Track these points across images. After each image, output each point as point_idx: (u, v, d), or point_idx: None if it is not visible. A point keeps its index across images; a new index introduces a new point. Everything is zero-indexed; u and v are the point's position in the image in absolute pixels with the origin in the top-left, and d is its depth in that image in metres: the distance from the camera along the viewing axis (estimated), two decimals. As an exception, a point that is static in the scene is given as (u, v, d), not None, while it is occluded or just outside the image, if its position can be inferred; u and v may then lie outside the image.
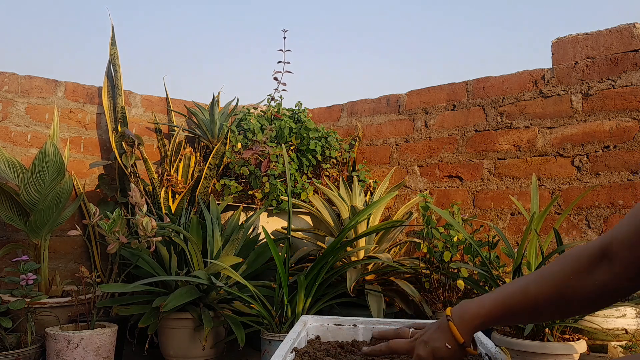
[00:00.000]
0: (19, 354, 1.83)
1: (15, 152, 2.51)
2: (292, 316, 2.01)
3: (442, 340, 0.84)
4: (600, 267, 0.74)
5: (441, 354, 0.84)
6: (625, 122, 2.05)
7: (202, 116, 2.94)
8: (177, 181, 2.73)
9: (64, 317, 2.09)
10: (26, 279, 1.91)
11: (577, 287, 0.76)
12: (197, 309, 2.09)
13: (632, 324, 1.73)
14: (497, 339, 1.71)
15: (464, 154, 2.52)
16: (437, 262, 2.20)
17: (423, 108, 2.70)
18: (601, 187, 2.09)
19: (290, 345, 0.98)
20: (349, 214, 2.42)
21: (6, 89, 2.51)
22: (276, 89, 2.96)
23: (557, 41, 2.28)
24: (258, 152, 2.58)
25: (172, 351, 2.12)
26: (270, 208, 2.54)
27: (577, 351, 1.62)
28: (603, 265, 0.74)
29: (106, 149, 2.80)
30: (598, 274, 0.74)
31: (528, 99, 2.32)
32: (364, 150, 2.94)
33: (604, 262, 0.74)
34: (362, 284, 2.28)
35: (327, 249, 2.05)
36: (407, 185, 2.73)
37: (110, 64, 2.77)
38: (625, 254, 0.71)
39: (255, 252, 2.28)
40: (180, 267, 2.26)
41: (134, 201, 2.06)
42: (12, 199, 2.14)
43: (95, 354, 1.86)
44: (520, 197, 2.30)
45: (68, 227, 2.53)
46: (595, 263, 0.75)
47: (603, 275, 0.74)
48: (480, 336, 1.01)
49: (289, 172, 2.19)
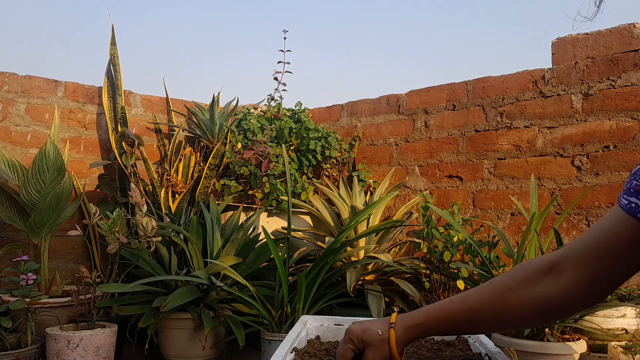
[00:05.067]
0: (19, 354, 1.83)
1: (15, 152, 2.51)
2: (292, 316, 2.01)
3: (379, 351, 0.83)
4: (544, 280, 0.74)
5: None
6: (625, 122, 2.05)
7: (202, 116, 2.94)
8: (177, 181, 2.73)
9: (64, 317, 2.09)
10: (26, 279, 1.91)
11: (517, 298, 0.75)
12: (197, 309, 2.09)
13: (632, 324, 1.73)
14: (497, 339, 1.71)
15: (464, 154, 2.52)
16: (437, 262, 2.20)
17: (423, 108, 2.70)
18: (601, 187, 2.09)
19: (290, 345, 0.98)
20: (349, 214, 2.42)
21: (6, 89, 2.51)
22: (276, 89, 2.96)
23: (557, 41, 2.28)
24: (258, 152, 2.58)
25: (172, 351, 2.12)
26: (270, 208, 2.54)
27: (577, 351, 1.62)
28: (547, 279, 0.73)
29: (106, 149, 2.80)
30: (541, 286, 0.73)
31: (528, 99, 2.32)
32: (364, 150, 2.94)
33: (549, 276, 0.73)
34: (362, 284, 2.27)
35: (327, 249, 2.05)
36: (407, 185, 2.73)
37: (110, 64, 2.77)
38: (577, 271, 0.70)
39: (255, 252, 2.28)
40: (180, 267, 2.26)
41: (134, 201, 2.06)
42: (12, 199, 2.14)
43: (95, 354, 1.86)
44: (520, 197, 2.30)
45: (68, 227, 2.52)
46: (540, 276, 0.74)
47: (546, 289, 0.73)
48: (480, 336, 1.01)
49: (289, 172, 2.19)
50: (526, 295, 0.74)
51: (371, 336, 0.84)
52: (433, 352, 0.97)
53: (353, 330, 0.86)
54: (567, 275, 0.72)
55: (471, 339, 1.03)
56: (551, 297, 0.73)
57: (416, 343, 1.03)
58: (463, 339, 1.04)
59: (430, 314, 0.82)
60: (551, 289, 0.73)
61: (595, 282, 0.70)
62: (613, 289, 0.72)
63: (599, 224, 0.70)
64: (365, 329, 0.85)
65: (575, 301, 0.72)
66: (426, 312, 0.83)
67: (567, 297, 0.72)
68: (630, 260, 0.67)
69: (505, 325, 0.79)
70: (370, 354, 0.83)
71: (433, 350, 0.98)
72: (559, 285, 0.72)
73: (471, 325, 0.80)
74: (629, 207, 0.65)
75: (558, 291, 0.72)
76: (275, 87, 2.95)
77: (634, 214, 0.64)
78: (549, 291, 0.73)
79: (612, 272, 0.69)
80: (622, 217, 0.66)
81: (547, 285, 0.73)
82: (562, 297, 0.72)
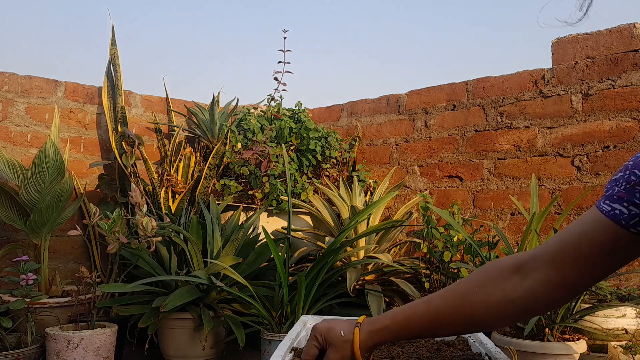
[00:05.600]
0: (19, 354, 1.83)
1: (15, 152, 2.51)
2: (292, 316, 2.01)
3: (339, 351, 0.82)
4: (510, 280, 0.73)
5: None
6: (625, 122, 2.05)
7: (202, 116, 2.94)
8: (177, 181, 2.72)
9: (64, 317, 2.09)
10: (26, 279, 1.91)
11: (483, 300, 0.74)
12: (197, 309, 2.09)
13: (632, 324, 1.73)
14: (497, 339, 1.71)
15: (464, 154, 2.52)
16: (437, 262, 2.20)
17: (423, 108, 2.70)
18: (601, 187, 2.09)
19: (290, 345, 0.98)
20: (349, 214, 2.42)
21: (6, 89, 2.51)
22: (276, 89, 2.96)
23: (557, 41, 2.28)
24: (258, 152, 2.58)
25: (172, 351, 2.12)
26: (270, 208, 2.54)
27: (577, 351, 1.62)
28: (514, 279, 0.73)
29: (106, 149, 2.80)
30: (507, 286, 0.73)
31: (528, 99, 2.32)
32: (364, 150, 2.94)
33: (516, 276, 0.73)
34: (362, 284, 2.27)
35: (327, 249, 2.05)
36: (407, 185, 2.73)
37: (110, 64, 2.77)
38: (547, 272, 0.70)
39: (255, 252, 2.28)
40: (180, 267, 2.26)
41: (134, 201, 2.06)
42: (12, 199, 2.14)
43: (95, 354, 1.86)
44: (520, 197, 2.30)
45: (68, 227, 2.52)
46: (506, 277, 0.73)
47: (511, 289, 0.72)
48: (481, 336, 1.01)
49: (289, 172, 2.19)
50: (492, 296, 0.73)
51: (333, 336, 0.83)
52: (433, 352, 0.97)
53: (318, 327, 0.85)
54: (535, 275, 0.71)
55: (471, 338, 1.03)
56: (517, 297, 0.72)
57: (416, 343, 1.03)
58: (463, 339, 1.04)
59: (394, 317, 0.81)
60: (518, 289, 0.72)
61: (565, 284, 0.70)
62: (581, 293, 0.71)
63: (573, 227, 0.69)
64: (329, 328, 0.84)
65: (542, 302, 0.72)
66: (391, 315, 0.81)
67: (533, 298, 0.71)
68: (604, 265, 0.67)
69: (473, 327, 0.78)
70: (331, 354, 0.82)
71: (433, 350, 0.98)
72: (526, 285, 0.71)
73: (438, 328, 0.78)
74: (613, 213, 0.64)
75: (524, 291, 0.71)
76: (275, 87, 2.95)
77: (618, 220, 0.64)
78: (515, 291, 0.72)
79: (584, 275, 0.68)
80: (602, 222, 0.65)
81: (512, 285, 0.72)
82: (529, 298, 0.71)
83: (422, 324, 0.78)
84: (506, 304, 0.73)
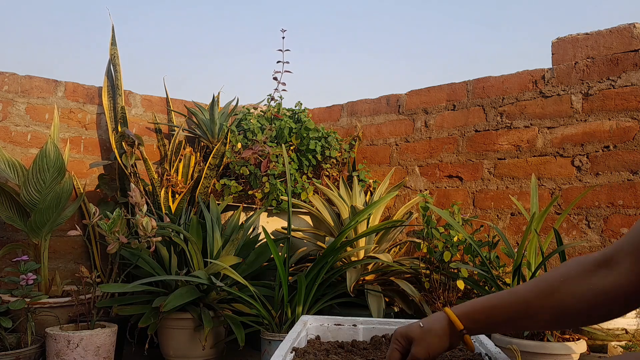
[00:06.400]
0: (19, 354, 1.83)
1: (15, 152, 2.51)
2: (292, 316, 2.01)
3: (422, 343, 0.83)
4: (598, 273, 0.73)
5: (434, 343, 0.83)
6: (625, 122, 2.05)
7: (202, 116, 2.94)
8: (177, 181, 2.73)
9: (64, 317, 2.09)
10: (26, 279, 1.91)
11: (571, 290, 0.74)
12: (197, 309, 2.09)
13: (632, 324, 1.73)
14: (497, 339, 1.71)
15: (464, 154, 2.52)
16: (437, 262, 2.20)
17: (423, 108, 2.70)
18: (601, 187, 2.09)
19: (290, 345, 0.98)
20: (349, 214, 2.42)
21: (6, 89, 2.51)
22: (276, 89, 2.96)
23: (557, 41, 2.28)
24: (258, 152, 2.58)
25: (172, 351, 2.12)
26: (270, 208, 2.54)
27: (576, 351, 1.62)
28: (601, 272, 0.73)
29: (106, 149, 2.80)
30: (595, 279, 0.73)
31: (528, 99, 2.32)
32: (364, 150, 2.94)
33: (603, 269, 0.73)
34: (362, 284, 2.27)
35: (327, 249, 2.05)
36: (407, 185, 2.73)
37: (110, 64, 2.77)
38: (630, 262, 0.69)
39: (255, 252, 2.28)
40: (180, 267, 2.26)
41: (134, 201, 2.06)
42: (12, 199, 2.14)
43: (95, 354, 1.86)
44: (520, 197, 2.30)
45: (68, 227, 2.52)
46: (594, 270, 0.73)
47: (600, 281, 0.72)
48: (480, 336, 1.01)
49: (289, 172, 2.20)
50: (580, 287, 0.73)
51: (413, 330, 0.84)
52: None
53: (398, 330, 0.87)
54: (619, 268, 0.71)
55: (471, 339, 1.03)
56: (607, 290, 0.71)
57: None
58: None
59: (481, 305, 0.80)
60: (604, 282, 0.72)
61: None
62: None
63: None
64: (407, 327, 0.86)
65: (629, 294, 0.71)
66: (476, 304, 0.81)
67: (620, 290, 0.71)
68: None
69: (560, 319, 0.76)
70: (415, 348, 0.83)
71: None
72: (611, 278, 0.71)
73: (525, 318, 0.77)
74: None
75: (611, 283, 0.71)
76: (275, 87, 2.95)
77: None
78: (602, 283, 0.72)
79: None
80: None
81: (601, 277, 0.72)
82: (616, 290, 0.71)
83: (508, 313, 0.78)
84: (594, 296, 0.72)
